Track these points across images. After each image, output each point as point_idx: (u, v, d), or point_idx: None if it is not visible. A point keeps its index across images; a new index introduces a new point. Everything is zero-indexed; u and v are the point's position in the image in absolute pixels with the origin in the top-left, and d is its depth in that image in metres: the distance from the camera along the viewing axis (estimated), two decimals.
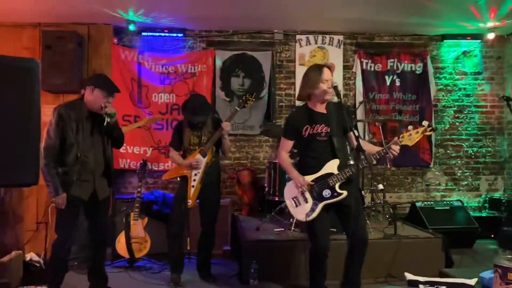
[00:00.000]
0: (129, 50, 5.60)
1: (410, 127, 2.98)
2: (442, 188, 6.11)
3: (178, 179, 3.95)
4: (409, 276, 2.72)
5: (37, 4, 4.82)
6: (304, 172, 3.18)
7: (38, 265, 4.46)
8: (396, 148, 2.96)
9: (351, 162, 3.17)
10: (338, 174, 3.06)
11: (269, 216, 4.85)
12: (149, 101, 5.64)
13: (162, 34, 5.65)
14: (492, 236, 5.33)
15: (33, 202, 5.32)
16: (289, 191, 3.24)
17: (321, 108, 3.21)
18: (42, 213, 5.20)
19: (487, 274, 2.67)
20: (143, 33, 5.61)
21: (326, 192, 3.07)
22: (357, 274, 3.16)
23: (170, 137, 5.44)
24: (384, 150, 2.98)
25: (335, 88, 3.08)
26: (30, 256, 4.64)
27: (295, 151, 3.60)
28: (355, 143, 2.96)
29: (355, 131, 3.10)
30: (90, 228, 3.53)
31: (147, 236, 4.50)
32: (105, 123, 3.30)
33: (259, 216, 5.13)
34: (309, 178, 3.13)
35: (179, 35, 5.70)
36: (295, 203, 3.18)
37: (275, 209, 4.82)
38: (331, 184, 3.06)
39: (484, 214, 5.79)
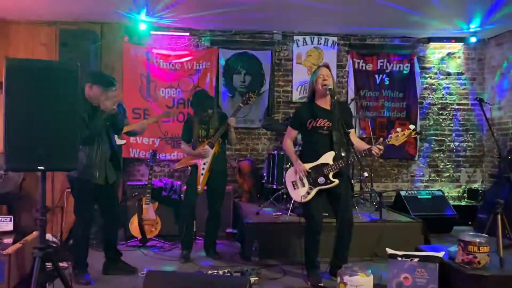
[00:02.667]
0: (139, 48, 6.02)
1: (398, 130, 3.44)
2: (426, 179, 6.64)
3: (189, 168, 4.42)
4: (389, 250, 3.21)
5: (53, 3, 5.19)
6: (304, 160, 3.66)
7: (55, 245, 4.84)
8: (377, 150, 3.41)
9: (343, 155, 3.63)
10: (332, 164, 3.55)
11: (267, 202, 5.32)
12: (157, 95, 6.08)
13: (169, 33, 6.09)
14: (470, 223, 5.87)
15: (49, 187, 5.73)
16: (290, 175, 3.74)
17: (325, 104, 3.66)
18: (58, 197, 5.64)
19: (453, 248, 3.17)
20: (152, 32, 6.02)
21: (321, 179, 3.56)
22: (344, 251, 3.67)
23: (176, 128, 6.03)
24: (369, 149, 3.46)
25: (329, 90, 3.56)
26: (47, 237, 5.06)
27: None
28: (352, 141, 3.43)
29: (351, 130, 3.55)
30: (102, 209, 3.97)
31: (158, 219, 4.96)
32: (104, 116, 3.64)
33: (258, 202, 5.62)
34: (308, 165, 3.62)
35: (185, 34, 6.13)
36: (294, 186, 3.68)
37: (273, 196, 5.30)
38: (325, 173, 3.56)
39: (463, 203, 6.32)
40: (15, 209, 5.52)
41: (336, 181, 3.54)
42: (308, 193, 3.57)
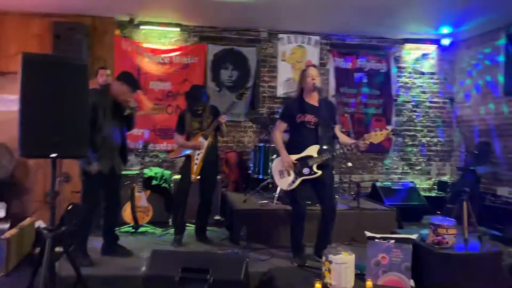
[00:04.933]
0: (130, 42, 6.21)
1: (377, 129, 3.80)
2: (399, 171, 7.10)
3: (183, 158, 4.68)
4: (368, 233, 3.58)
5: None
6: (290, 151, 3.99)
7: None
8: (364, 145, 3.78)
9: (327, 149, 3.96)
10: (316, 157, 3.90)
11: (252, 191, 5.62)
12: (147, 88, 6.29)
13: (160, 28, 6.29)
14: (438, 212, 6.33)
15: (41, 175, 5.91)
16: (277, 165, 4.07)
17: (313, 101, 4.00)
18: (49, 185, 5.79)
19: (425, 231, 3.57)
20: (143, 27, 6.22)
21: (305, 170, 3.91)
22: (328, 234, 4.03)
23: (165, 120, 6.29)
24: (355, 144, 3.82)
25: (317, 88, 3.90)
26: (38, 223, 5.21)
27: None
28: (337, 135, 3.77)
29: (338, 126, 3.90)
30: (107, 196, 4.22)
31: (150, 206, 5.20)
32: (126, 113, 4.03)
33: (244, 191, 5.91)
34: (294, 157, 3.96)
35: (175, 29, 6.35)
36: (281, 175, 4.01)
37: (260, 185, 5.60)
38: (310, 164, 3.90)
39: (433, 194, 6.78)
40: (6, 196, 5.67)
41: (319, 172, 3.89)
42: (294, 182, 3.92)
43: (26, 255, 4.25)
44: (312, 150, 3.93)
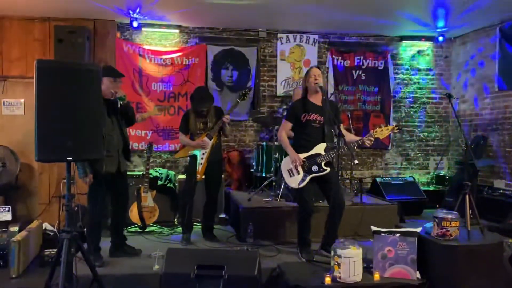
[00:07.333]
0: (131, 44, 6.28)
1: (382, 125, 3.91)
2: (398, 166, 7.23)
3: (188, 158, 4.76)
4: (374, 228, 3.69)
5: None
6: (298, 150, 4.09)
7: (52, 233, 5.04)
8: (370, 140, 3.89)
9: (334, 147, 4.07)
10: (324, 155, 4.00)
11: (257, 189, 5.67)
12: (149, 89, 6.36)
13: (160, 30, 6.36)
14: (438, 206, 6.46)
15: (46, 178, 5.96)
16: (286, 164, 4.16)
17: (317, 101, 4.11)
18: (54, 188, 5.87)
19: (429, 224, 3.69)
20: (143, 29, 6.27)
21: (315, 168, 4.01)
22: (336, 229, 4.13)
23: (167, 121, 6.36)
24: (361, 140, 3.93)
25: (320, 87, 4.00)
26: (45, 225, 5.26)
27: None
28: (343, 133, 3.88)
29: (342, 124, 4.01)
30: (114, 195, 4.27)
31: (156, 206, 5.29)
32: (119, 106, 4.05)
33: (247, 190, 6.00)
34: (302, 155, 4.06)
35: (175, 31, 6.42)
36: (290, 174, 4.11)
37: (264, 183, 5.68)
38: (318, 162, 4.01)
39: (431, 188, 6.91)
40: (11, 200, 5.73)
41: (328, 169, 4.01)
42: (303, 180, 4.02)
43: (35, 257, 4.31)
44: (320, 148, 4.04)
